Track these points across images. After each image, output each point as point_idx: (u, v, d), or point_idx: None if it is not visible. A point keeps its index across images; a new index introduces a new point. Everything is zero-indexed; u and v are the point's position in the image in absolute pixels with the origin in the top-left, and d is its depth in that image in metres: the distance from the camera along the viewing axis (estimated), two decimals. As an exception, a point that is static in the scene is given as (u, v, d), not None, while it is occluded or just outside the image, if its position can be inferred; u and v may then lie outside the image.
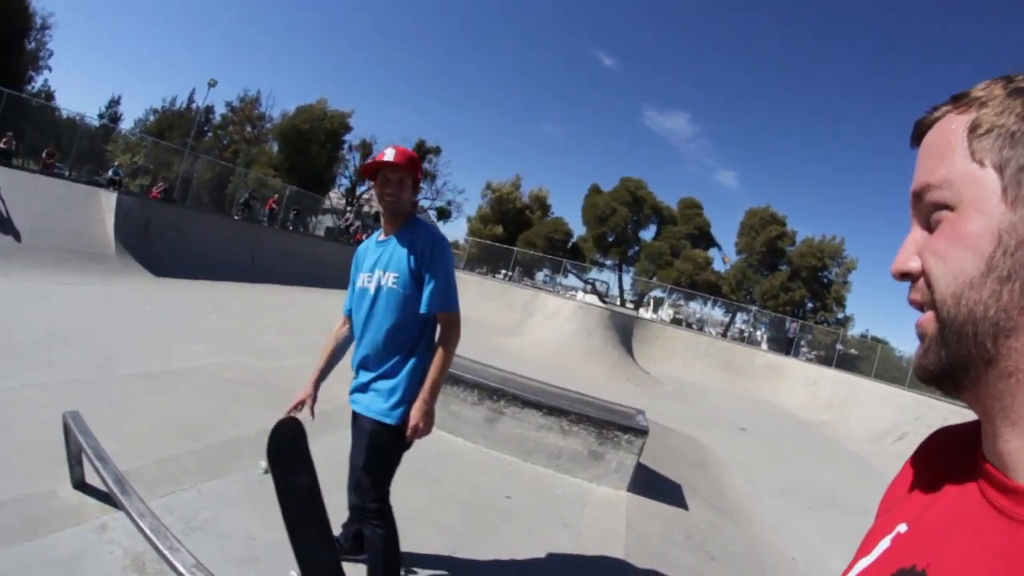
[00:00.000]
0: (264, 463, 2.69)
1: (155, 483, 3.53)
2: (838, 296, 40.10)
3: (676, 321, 38.31)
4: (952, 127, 0.60)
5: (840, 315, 40.50)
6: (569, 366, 14.31)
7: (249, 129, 41.81)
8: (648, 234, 46.51)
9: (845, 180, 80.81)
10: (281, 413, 2.60)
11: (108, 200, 13.44)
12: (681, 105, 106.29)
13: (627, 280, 46.91)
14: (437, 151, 45.32)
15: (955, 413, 14.66)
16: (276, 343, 8.91)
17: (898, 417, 15.70)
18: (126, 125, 42.90)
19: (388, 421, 2.57)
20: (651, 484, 5.85)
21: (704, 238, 44.83)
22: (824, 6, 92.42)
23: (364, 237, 31.84)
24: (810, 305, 40.56)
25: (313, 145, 38.40)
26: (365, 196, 42.31)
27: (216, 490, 3.70)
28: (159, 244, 14.39)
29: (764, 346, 32.18)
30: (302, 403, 2.86)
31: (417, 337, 2.67)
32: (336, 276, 20.58)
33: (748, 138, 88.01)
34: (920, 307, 0.61)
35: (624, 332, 18.70)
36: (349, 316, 2.90)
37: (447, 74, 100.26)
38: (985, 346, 0.54)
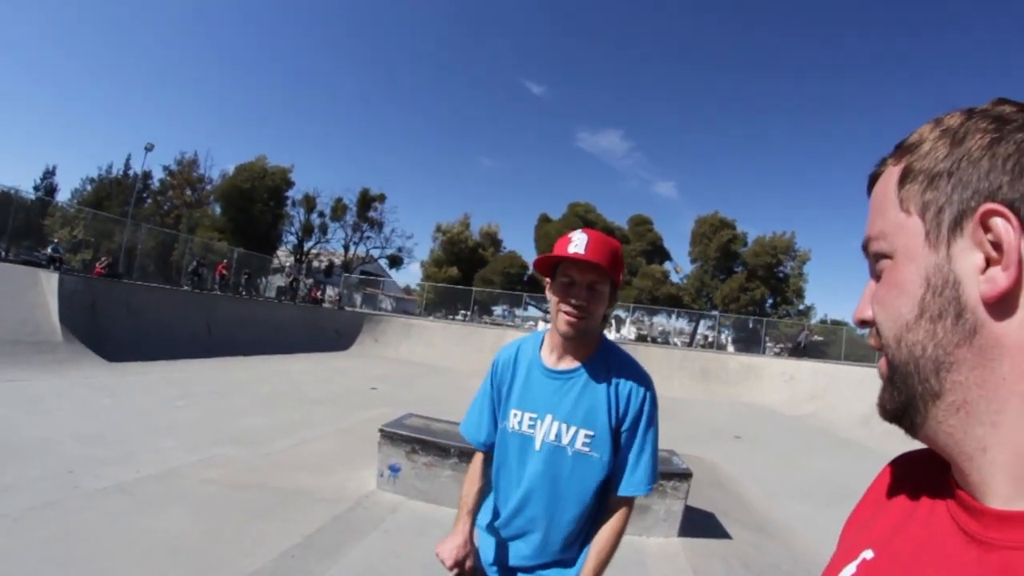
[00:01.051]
0: None
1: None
2: (796, 288, 40.98)
3: (641, 338, 38.63)
4: (890, 179, 0.64)
5: (801, 306, 41.47)
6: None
7: (189, 192, 40.68)
8: (600, 257, 46.66)
9: (787, 176, 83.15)
10: (287, 518, 2.11)
11: (50, 281, 12.61)
12: (611, 122, 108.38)
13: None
14: (382, 198, 44.94)
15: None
16: (256, 425, 8.24)
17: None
18: (63, 196, 41.21)
19: None
20: (692, 520, 5.66)
21: (658, 252, 45.57)
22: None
23: (319, 294, 31.61)
24: (771, 301, 41.38)
25: (256, 204, 37.40)
26: (314, 251, 41.66)
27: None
28: (109, 325, 13.53)
29: (730, 348, 32.70)
30: (460, 565, 1.78)
31: (594, 517, 1.80)
32: (298, 340, 20.37)
33: (679, 146, 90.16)
34: (877, 349, 0.64)
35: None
36: (487, 452, 1.97)
37: (382, 119, 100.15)
38: (929, 382, 0.56)
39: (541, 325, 32.56)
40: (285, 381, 13.13)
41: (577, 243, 1.69)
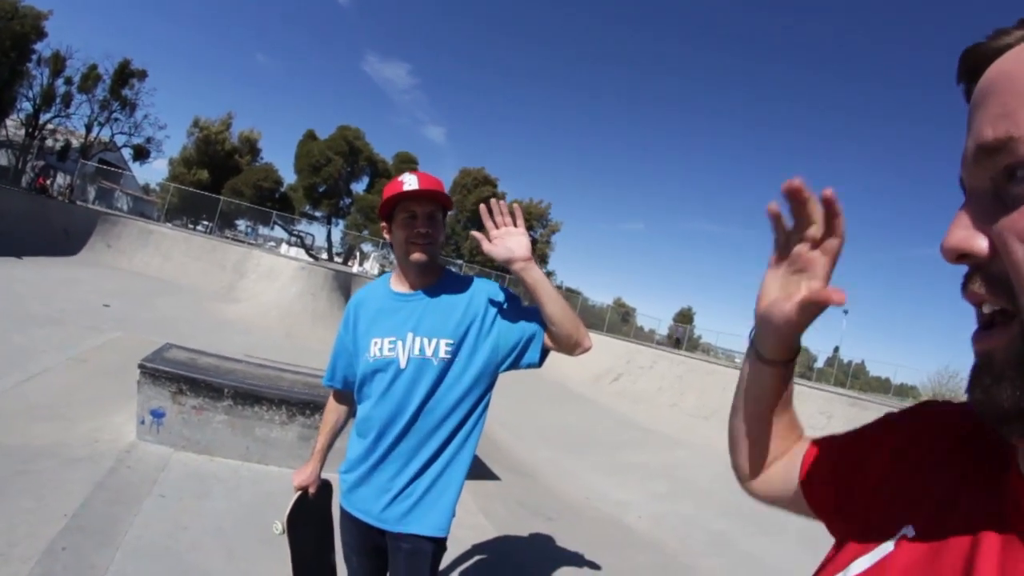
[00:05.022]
0: (281, 523, 2.09)
1: None
2: (542, 253, 43.95)
3: (383, 272, 38.36)
4: None
5: (544, 270, 43.56)
6: (300, 333, 13.69)
7: None
8: (360, 186, 46.01)
9: (554, 150, 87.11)
10: (38, 492, 1.83)
11: None
12: (404, 56, 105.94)
13: (336, 233, 45.87)
14: (143, 75, 36.16)
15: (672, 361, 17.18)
16: None
17: (612, 361, 18.46)
18: None
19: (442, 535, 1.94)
20: None
21: (415, 193, 45.26)
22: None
23: (48, 180, 26.37)
24: (517, 261, 43.74)
25: None
26: (50, 126, 34.05)
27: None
28: None
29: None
30: (305, 489, 2.20)
31: (467, 419, 1.98)
32: (17, 238, 16.29)
33: (462, 97, 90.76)
34: (979, 303, 0.49)
35: (346, 292, 17.98)
36: (342, 391, 2.22)
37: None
38: None
39: (284, 247, 30.97)
40: (1, 291, 10.65)
41: (410, 182, 1.92)
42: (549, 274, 45.30)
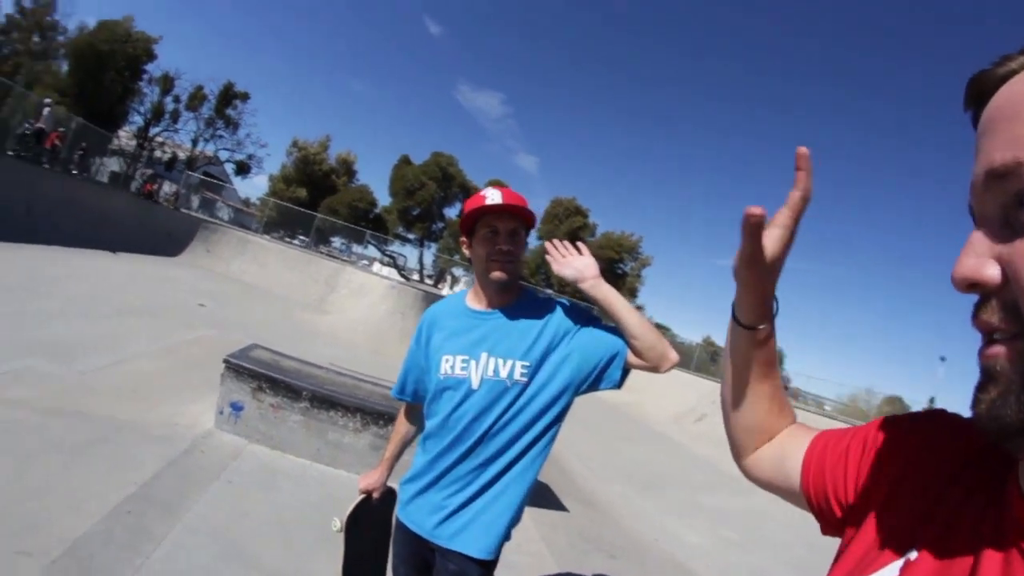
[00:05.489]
0: (340, 521, 2.14)
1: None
2: (631, 287, 43.13)
3: (471, 293, 38.84)
4: None
5: (634, 304, 42.97)
6: (387, 349, 13.78)
7: (38, 39, 32.45)
8: (453, 211, 46.73)
9: (648, 184, 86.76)
10: (114, 460, 1.87)
11: None
12: (496, 85, 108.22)
13: (428, 256, 46.73)
14: (245, 97, 39.70)
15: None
16: (69, 334, 7.09)
17: (697, 400, 17.79)
18: None
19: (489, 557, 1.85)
20: (533, 491, 5.73)
21: (506, 222, 45.54)
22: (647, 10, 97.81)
23: (155, 187, 28.42)
24: (605, 293, 43.16)
25: (110, 71, 31.27)
26: (159, 139, 36.90)
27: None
28: None
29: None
30: (369, 494, 2.22)
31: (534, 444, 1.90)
32: (125, 237, 18.00)
33: (553, 126, 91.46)
34: (990, 332, 0.48)
35: (434, 313, 18.32)
36: (409, 402, 2.21)
37: (261, 13, 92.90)
38: None
39: (376, 266, 31.80)
40: (106, 283, 11.59)
41: (493, 196, 1.86)
42: (639, 307, 45.28)
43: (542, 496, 5.98)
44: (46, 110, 18.82)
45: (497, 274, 1.88)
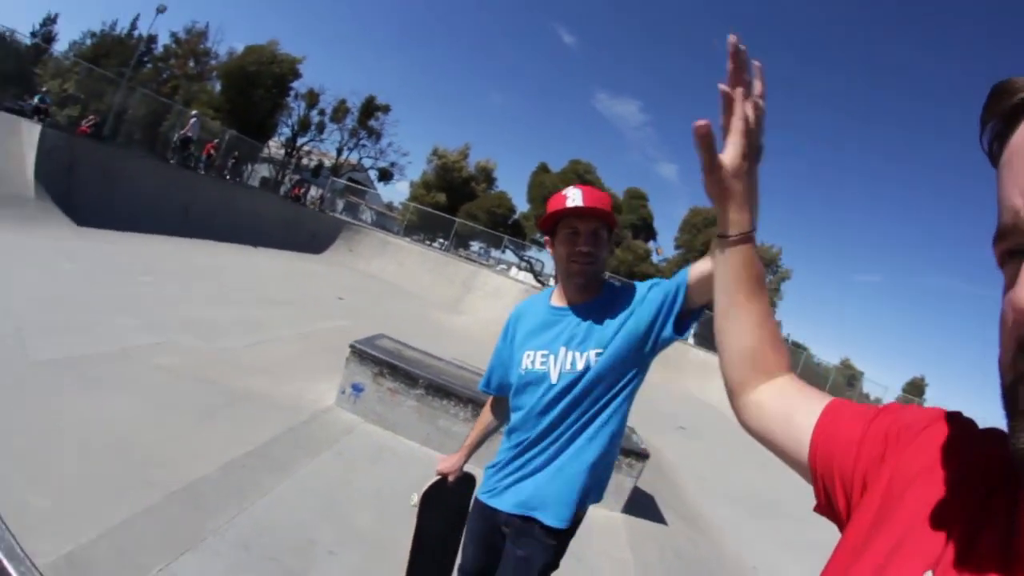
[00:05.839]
0: (417, 495, 2.36)
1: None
2: (770, 302, 40.95)
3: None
4: None
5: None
6: (517, 351, 13.90)
7: (192, 64, 37.93)
8: (589, 219, 46.56)
9: (786, 195, 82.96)
10: (239, 422, 2.02)
11: (31, 133, 11.85)
12: (634, 92, 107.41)
13: (564, 262, 46.90)
14: (386, 109, 42.78)
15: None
16: (217, 317, 7.95)
17: None
18: (60, 47, 38.04)
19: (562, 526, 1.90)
20: (634, 500, 5.71)
21: (646, 229, 45.39)
22: (796, 16, 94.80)
23: (302, 191, 30.85)
24: (742, 307, 41.59)
25: (258, 89, 35.38)
26: (306, 148, 40.16)
27: (192, 570, 2.73)
28: (85, 188, 12.87)
29: (691, 340, 32.79)
30: (445, 476, 2.28)
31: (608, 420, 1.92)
32: (273, 235, 19.82)
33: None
34: None
35: (566, 319, 18.39)
36: (495, 395, 2.28)
37: (404, 30, 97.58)
38: None
39: (513, 271, 32.26)
40: (253, 275, 12.86)
41: (574, 196, 1.87)
42: (777, 322, 42.93)
43: (643, 506, 5.85)
44: (192, 120, 21.32)
45: (577, 275, 1.91)
